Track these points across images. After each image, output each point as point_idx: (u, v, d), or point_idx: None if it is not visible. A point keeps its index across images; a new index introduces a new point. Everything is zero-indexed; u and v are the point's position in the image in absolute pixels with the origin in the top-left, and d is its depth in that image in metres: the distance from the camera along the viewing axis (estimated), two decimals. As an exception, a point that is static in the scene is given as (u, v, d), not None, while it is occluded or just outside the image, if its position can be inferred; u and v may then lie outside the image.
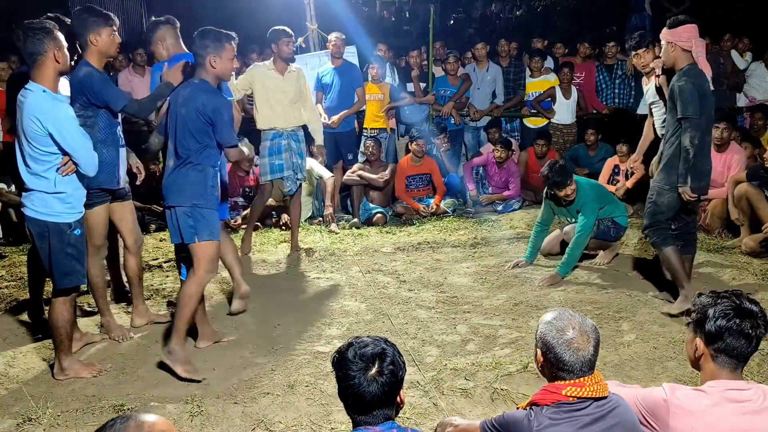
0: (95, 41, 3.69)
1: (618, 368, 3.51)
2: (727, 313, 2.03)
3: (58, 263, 3.33)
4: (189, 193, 3.45)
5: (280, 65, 5.37)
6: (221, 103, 3.47)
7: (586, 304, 4.42)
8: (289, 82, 5.37)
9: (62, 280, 3.37)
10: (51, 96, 3.20)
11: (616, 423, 1.98)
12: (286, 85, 5.36)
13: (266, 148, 5.43)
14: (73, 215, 3.35)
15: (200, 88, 3.46)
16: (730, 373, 2.06)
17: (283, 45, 5.29)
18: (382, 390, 1.84)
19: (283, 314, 4.39)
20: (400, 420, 2.98)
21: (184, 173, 3.46)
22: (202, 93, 3.43)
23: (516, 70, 7.84)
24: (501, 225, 6.50)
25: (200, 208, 3.45)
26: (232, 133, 3.53)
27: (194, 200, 3.44)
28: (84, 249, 3.48)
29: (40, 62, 3.19)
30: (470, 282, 4.95)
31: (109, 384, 3.48)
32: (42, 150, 3.21)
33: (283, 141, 5.39)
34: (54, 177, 3.26)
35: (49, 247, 3.32)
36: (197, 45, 3.47)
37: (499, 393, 3.26)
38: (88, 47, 3.72)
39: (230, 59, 3.54)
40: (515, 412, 2.07)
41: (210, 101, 3.41)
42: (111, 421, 1.52)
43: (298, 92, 5.44)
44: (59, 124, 3.19)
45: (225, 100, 3.60)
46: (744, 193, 5.55)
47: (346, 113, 6.90)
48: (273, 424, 3.05)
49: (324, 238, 6.13)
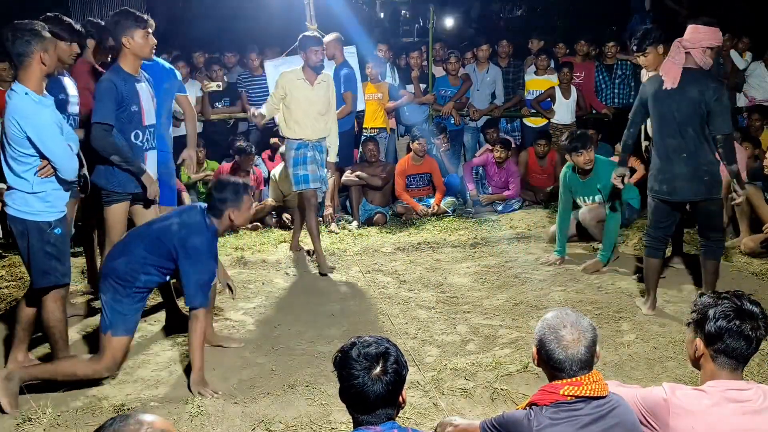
0: (128, 43, 3.72)
1: (618, 368, 3.51)
2: (728, 314, 2.03)
3: (36, 262, 3.32)
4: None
5: (310, 74, 5.14)
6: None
7: (586, 304, 4.42)
8: (318, 92, 5.16)
9: (40, 279, 3.35)
10: (34, 99, 3.18)
11: (616, 423, 1.98)
12: (315, 95, 5.14)
13: (291, 158, 5.19)
14: (52, 214, 3.33)
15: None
16: (730, 374, 2.06)
17: (311, 53, 5.08)
18: (386, 389, 1.85)
19: (283, 314, 4.39)
20: (401, 420, 2.99)
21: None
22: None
23: (515, 70, 7.84)
24: (501, 225, 6.50)
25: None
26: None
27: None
28: (66, 248, 3.43)
29: (26, 64, 3.18)
30: (470, 282, 4.95)
31: (109, 384, 3.48)
32: (21, 151, 3.20)
33: (309, 152, 5.16)
34: (33, 179, 3.25)
35: (28, 245, 3.31)
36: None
37: (499, 393, 3.26)
38: (122, 50, 3.75)
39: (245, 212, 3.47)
40: (515, 412, 2.07)
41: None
42: (110, 420, 1.53)
43: (326, 103, 5.23)
44: (39, 129, 3.17)
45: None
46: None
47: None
48: (273, 424, 3.05)
49: (324, 238, 6.13)
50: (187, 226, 3.29)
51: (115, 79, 3.72)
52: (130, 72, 3.80)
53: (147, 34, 3.77)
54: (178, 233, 3.26)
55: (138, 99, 3.80)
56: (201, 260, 3.25)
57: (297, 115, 5.13)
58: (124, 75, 3.77)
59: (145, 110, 3.86)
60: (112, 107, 3.69)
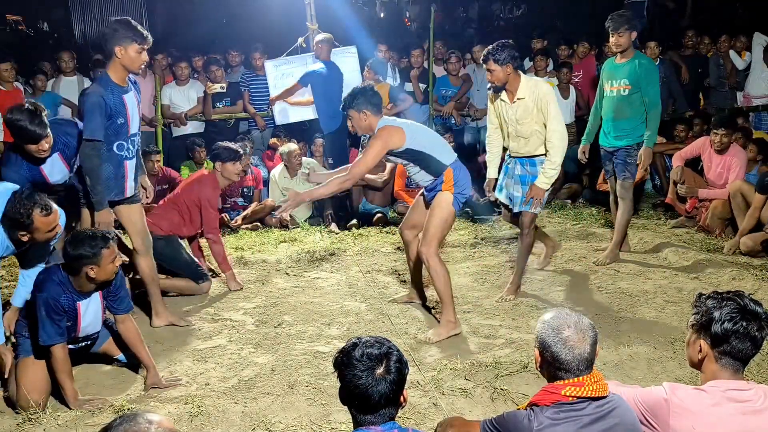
0: (120, 54, 3.70)
1: (618, 368, 3.51)
2: (734, 315, 2.02)
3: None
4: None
5: (509, 94, 4.42)
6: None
7: (586, 304, 4.42)
8: (516, 110, 4.40)
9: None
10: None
11: (617, 423, 1.98)
12: (512, 112, 4.42)
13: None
14: None
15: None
16: (733, 375, 2.06)
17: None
18: (391, 388, 1.87)
19: (283, 314, 4.39)
20: (401, 420, 2.98)
21: None
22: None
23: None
24: (501, 225, 6.50)
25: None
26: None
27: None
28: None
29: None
30: (470, 282, 4.95)
31: (109, 384, 3.48)
32: None
33: (510, 164, 4.62)
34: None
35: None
36: None
37: (499, 393, 3.25)
38: (112, 59, 3.74)
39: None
40: (515, 413, 2.07)
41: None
42: (118, 419, 1.52)
43: (523, 121, 4.40)
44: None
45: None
46: (738, 189, 5.55)
47: (299, 101, 7.16)
48: (273, 424, 3.05)
49: (324, 238, 6.14)
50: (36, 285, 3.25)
51: (103, 92, 3.68)
52: (117, 83, 3.76)
53: (142, 50, 3.74)
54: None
55: (125, 110, 3.78)
56: (40, 319, 3.16)
57: (505, 131, 4.61)
58: (112, 86, 3.74)
59: (131, 120, 3.85)
60: (101, 122, 3.66)
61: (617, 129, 5.10)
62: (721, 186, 5.88)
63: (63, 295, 3.20)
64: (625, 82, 4.98)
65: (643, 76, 4.91)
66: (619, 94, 5.04)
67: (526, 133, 4.39)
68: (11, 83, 6.49)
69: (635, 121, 5.02)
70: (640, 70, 4.92)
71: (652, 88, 4.95)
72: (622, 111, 5.04)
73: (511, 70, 4.26)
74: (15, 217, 3.12)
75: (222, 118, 7.44)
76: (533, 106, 4.31)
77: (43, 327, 3.14)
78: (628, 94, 4.99)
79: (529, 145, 4.43)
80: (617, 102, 5.06)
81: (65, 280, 3.20)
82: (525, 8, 12.94)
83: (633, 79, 4.94)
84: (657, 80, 5.04)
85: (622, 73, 5.01)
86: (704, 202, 6.03)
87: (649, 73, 4.96)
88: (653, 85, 4.96)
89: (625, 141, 5.07)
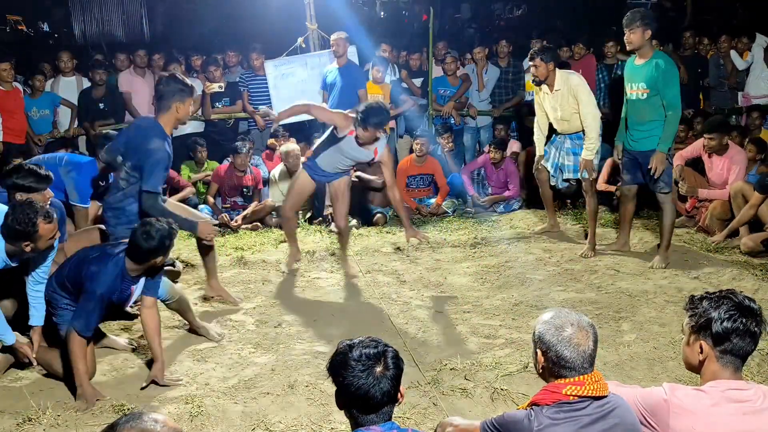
0: (178, 109, 3.89)
1: (618, 368, 3.51)
2: (732, 313, 2.03)
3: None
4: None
5: (550, 87, 5.32)
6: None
7: (586, 304, 4.42)
8: (556, 98, 5.32)
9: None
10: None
11: (617, 423, 1.98)
12: (554, 101, 5.35)
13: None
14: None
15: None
16: (733, 373, 2.06)
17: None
18: (391, 385, 1.88)
19: (283, 314, 4.39)
20: (401, 420, 2.99)
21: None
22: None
23: (515, 71, 7.83)
24: (501, 225, 6.50)
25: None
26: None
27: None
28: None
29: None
30: (470, 282, 4.95)
31: (109, 384, 3.48)
32: None
33: (559, 138, 5.57)
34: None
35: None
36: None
37: (499, 393, 3.26)
38: (168, 111, 3.89)
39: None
40: (515, 412, 2.07)
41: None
42: (123, 418, 1.53)
43: (563, 107, 5.33)
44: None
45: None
46: (739, 191, 5.55)
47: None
48: (273, 424, 3.05)
49: (324, 238, 6.13)
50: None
51: (168, 148, 3.87)
52: (168, 134, 3.95)
53: (192, 102, 4.00)
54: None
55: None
56: (86, 310, 3.31)
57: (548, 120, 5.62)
58: (167, 140, 3.91)
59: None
60: (163, 177, 3.91)
61: (638, 132, 4.97)
62: (722, 186, 5.87)
63: (121, 285, 3.38)
64: (643, 85, 4.84)
65: (660, 77, 4.73)
66: (638, 98, 4.90)
67: (567, 116, 5.34)
68: (10, 83, 6.49)
69: (656, 123, 4.86)
70: (657, 72, 4.74)
71: (670, 90, 4.76)
72: (642, 114, 4.90)
73: (552, 68, 5.22)
74: (19, 227, 3.15)
75: (221, 118, 7.44)
76: (568, 94, 5.24)
77: (87, 318, 3.26)
78: (647, 98, 4.84)
79: (571, 125, 5.37)
80: (637, 105, 4.93)
81: (123, 270, 3.35)
82: (525, 8, 12.97)
83: (650, 81, 4.78)
84: (676, 81, 4.81)
85: (640, 75, 4.86)
86: (704, 202, 6.03)
87: (667, 75, 4.75)
88: (672, 87, 4.77)
89: (647, 144, 4.91)
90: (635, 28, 4.74)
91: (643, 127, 4.92)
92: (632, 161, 5.10)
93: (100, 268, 3.31)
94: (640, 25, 4.73)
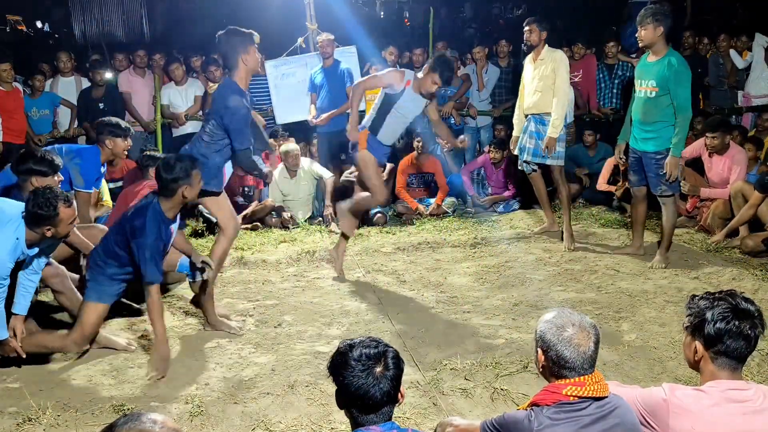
0: (246, 61, 3.83)
1: (618, 368, 3.51)
2: (726, 315, 2.03)
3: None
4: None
5: (535, 54, 5.65)
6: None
7: (586, 304, 4.42)
8: (538, 68, 5.62)
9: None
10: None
11: (617, 423, 1.98)
12: (534, 70, 5.64)
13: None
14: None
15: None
16: (731, 374, 2.06)
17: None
18: (391, 385, 1.88)
19: (283, 314, 4.39)
20: (401, 420, 2.99)
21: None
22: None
23: (515, 71, 7.83)
24: (501, 225, 6.51)
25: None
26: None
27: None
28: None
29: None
30: (470, 282, 4.95)
31: (109, 384, 3.48)
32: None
33: (526, 123, 5.78)
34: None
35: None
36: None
37: (499, 393, 3.26)
38: (237, 67, 3.84)
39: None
40: (515, 413, 2.07)
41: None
42: (121, 418, 1.52)
43: (541, 77, 5.60)
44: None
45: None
46: (739, 190, 5.55)
47: (334, 113, 6.86)
48: (273, 424, 3.05)
49: (324, 238, 6.13)
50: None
51: (247, 102, 3.85)
52: (244, 89, 3.89)
53: (256, 48, 3.89)
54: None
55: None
56: (145, 260, 3.48)
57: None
58: (244, 95, 3.88)
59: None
60: (249, 131, 3.91)
61: (644, 131, 4.87)
62: (722, 186, 5.88)
63: (163, 230, 3.53)
64: (653, 83, 4.72)
65: (671, 77, 4.61)
66: (646, 96, 4.79)
67: (541, 88, 5.55)
68: (10, 83, 6.50)
69: (663, 124, 4.76)
70: (668, 71, 4.63)
71: (682, 90, 4.64)
72: (649, 113, 4.79)
73: (544, 37, 5.52)
74: (41, 211, 3.25)
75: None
76: (549, 67, 5.52)
77: (150, 267, 3.45)
78: (655, 96, 4.73)
79: (541, 100, 5.57)
80: (644, 103, 4.81)
81: (160, 212, 3.53)
82: (525, 8, 12.96)
83: (661, 80, 4.67)
84: (688, 82, 4.67)
85: (651, 73, 4.75)
86: (705, 201, 6.04)
87: (679, 75, 4.62)
88: (683, 88, 4.64)
89: (652, 145, 4.83)
90: (647, 24, 4.65)
91: (649, 127, 4.83)
92: (638, 161, 5.01)
93: (143, 219, 3.46)
94: (651, 21, 4.63)
